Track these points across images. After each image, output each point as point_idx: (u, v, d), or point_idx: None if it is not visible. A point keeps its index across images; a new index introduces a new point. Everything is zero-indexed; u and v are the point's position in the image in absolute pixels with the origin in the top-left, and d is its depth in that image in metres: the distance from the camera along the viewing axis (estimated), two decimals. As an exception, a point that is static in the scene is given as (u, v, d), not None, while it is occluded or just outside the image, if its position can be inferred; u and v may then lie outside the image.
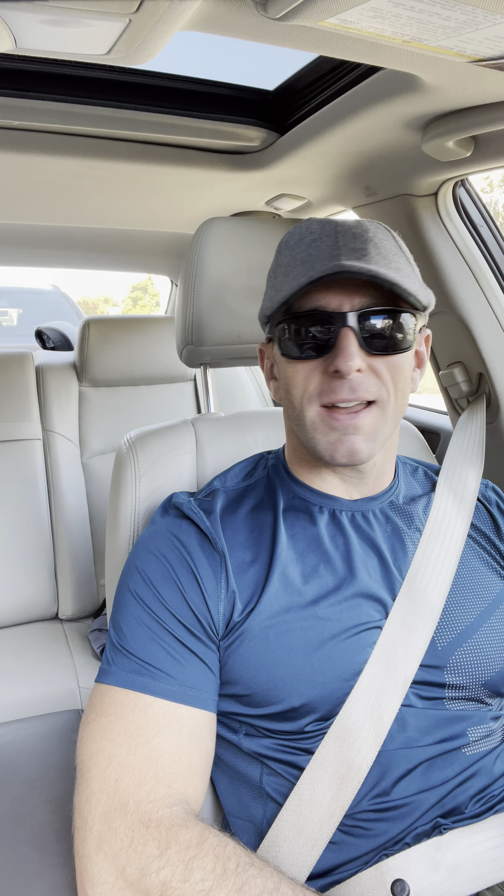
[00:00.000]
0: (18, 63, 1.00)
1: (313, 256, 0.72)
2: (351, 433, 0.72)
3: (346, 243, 0.71)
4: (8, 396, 1.93)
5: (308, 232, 0.75)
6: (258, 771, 0.74)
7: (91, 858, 0.62)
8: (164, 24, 0.61)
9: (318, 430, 0.73)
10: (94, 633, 1.76)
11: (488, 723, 0.77)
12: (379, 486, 0.83)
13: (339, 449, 0.72)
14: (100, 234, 1.95)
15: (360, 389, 0.71)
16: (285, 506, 0.81)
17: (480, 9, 0.57)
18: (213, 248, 1.06)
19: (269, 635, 0.71)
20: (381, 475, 0.82)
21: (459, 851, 0.69)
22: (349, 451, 0.72)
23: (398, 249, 0.75)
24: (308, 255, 0.72)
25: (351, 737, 0.70)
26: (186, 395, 2.19)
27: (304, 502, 0.81)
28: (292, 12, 0.58)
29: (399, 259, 0.73)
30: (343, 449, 0.72)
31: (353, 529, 0.80)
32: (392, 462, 0.84)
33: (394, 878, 0.67)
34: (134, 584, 0.75)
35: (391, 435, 0.78)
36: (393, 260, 0.72)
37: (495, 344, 1.23)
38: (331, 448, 0.73)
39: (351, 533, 0.79)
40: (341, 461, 0.73)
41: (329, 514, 0.80)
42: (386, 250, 0.72)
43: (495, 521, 0.89)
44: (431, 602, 0.76)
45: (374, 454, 0.74)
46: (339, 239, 0.72)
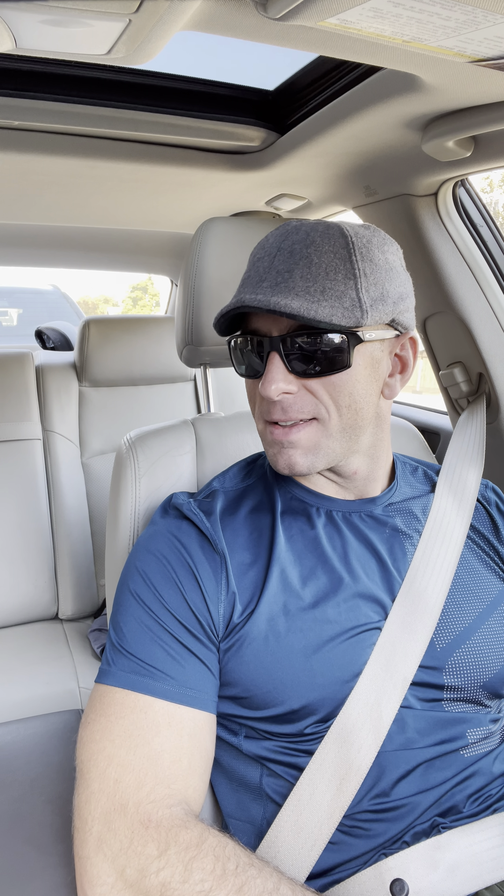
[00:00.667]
0: (18, 63, 1.00)
1: (247, 280, 0.74)
2: (287, 447, 0.74)
3: (277, 266, 0.72)
4: (8, 396, 1.93)
5: (261, 248, 0.76)
6: (258, 773, 0.74)
7: (91, 859, 0.62)
8: (164, 24, 0.61)
9: (265, 441, 0.77)
10: (94, 633, 1.76)
11: (487, 725, 0.77)
12: (372, 489, 0.83)
13: (279, 461, 0.75)
14: (100, 234, 1.95)
15: (292, 410, 0.73)
16: (283, 507, 0.81)
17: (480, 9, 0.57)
18: (213, 248, 1.06)
19: (268, 637, 0.71)
20: (369, 481, 0.82)
21: (458, 851, 0.69)
22: (287, 464, 0.74)
23: (342, 262, 0.70)
24: (246, 278, 0.75)
25: (350, 737, 0.70)
26: (186, 395, 2.19)
27: (302, 503, 0.81)
28: (292, 12, 0.58)
29: (333, 276, 0.70)
30: (282, 461, 0.75)
31: (351, 531, 0.80)
32: (384, 469, 0.84)
33: (393, 877, 0.67)
34: (134, 584, 0.75)
35: (356, 447, 0.77)
36: (320, 280, 0.69)
37: (495, 344, 1.23)
38: (274, 459, 0.76)
39: (349, 534, 0.79)
40: (283, 472, 0.76)
41: (326, 515, 0.80)
42: (318, 269, 0.70)
43: (494, 522, 0.89)
44: (431, 603, 0.76)
45: (317, 466, 0.75)
46: (274, 261, 0.72)
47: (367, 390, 0.74)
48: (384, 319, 0.73)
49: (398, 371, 0.79)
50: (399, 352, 0.79)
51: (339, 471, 0.80)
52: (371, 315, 0.71)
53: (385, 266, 0.73)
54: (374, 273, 0.72)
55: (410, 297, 0.78)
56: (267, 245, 0.75)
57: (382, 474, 0.84)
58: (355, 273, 0.70)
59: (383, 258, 0.74)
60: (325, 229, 0.73)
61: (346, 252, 0.71)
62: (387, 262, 0.74)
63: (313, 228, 0.73)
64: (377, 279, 0.72)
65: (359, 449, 0.78)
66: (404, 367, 0.79)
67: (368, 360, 0.74)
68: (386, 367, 0.77)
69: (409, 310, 0.77)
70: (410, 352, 0.79)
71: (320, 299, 0.69)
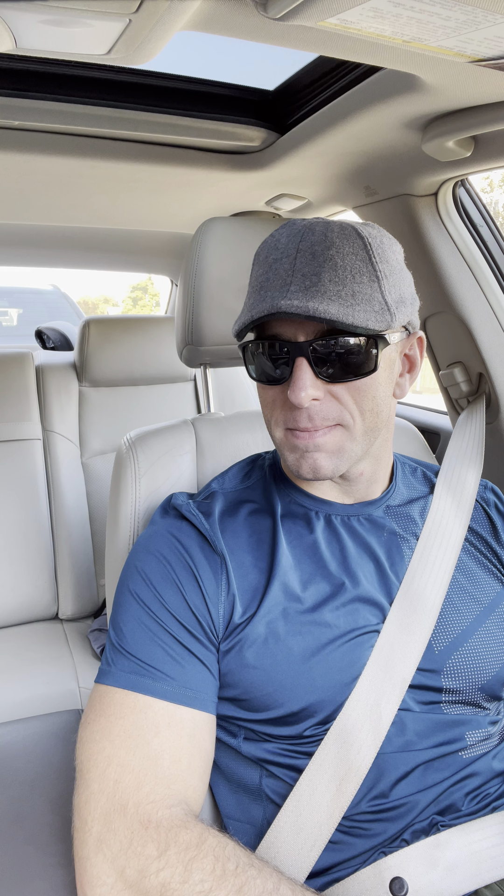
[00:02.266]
0: (18, 63, 1.00)
1: (271, 282, 0.71)
2: (312, 451, 0.73)
3: (301, 268, 0.69)
4: (8, 396, 1.93)
5: (273, 248, 0.73)
6: (257, 774, 0.74)
7: (90, 860, 0.62)
8: (164, 24, 0.61)
9: (285, 448, 0.75)
10: (94, 633, 1.76)
11: (486, 727, 0.77)
12: (373, 491, 0.83)
13: (302, 466, 0.73)
14: (100, 234, 1.95)
15: (318, 417, 0.71)
16: (283, 510, 0.81)
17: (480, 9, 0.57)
18: (213, 248, 1.06)
19: (268, 640, 0.71)
20: (372, 482, 0.82)
21: (458, 849, 0.69)
22: (312, 468, 0.73)
23: (364, 265, 0.70)
24: (266, 280, 0.72)
25: (350, 738, 0.70)
26: (186, 395, 2.19)
27: (301, 507, 0.81)
28: (292, 12, 0.58)
29: (359, 279, 0.69)
30: (306, 465, 0.73)
31: (350, 535, 0.80)
32: (386, 470, 0.84)
33: (392, 876, 0.67)
34: (134, 584, 0.75)
35: (370, 449, 0.77)
36: (348, 283, 0.69)
37: (495, 344, 1.23)
38: (296, 465, 0.74)
39: (347, 538, 0.79)
40: (306, 476, 0.74)
41: (325, 519, 0.80)
42: (344, 272, 0.69)
43: (493, 523, 0.89)
44: (429, 604, 0.76)
45: (341, 469, 0.74)
46: (296, 262, 0.70)
47: (386, 392, 0.75)
48: (405, 321, 0.73)
49: (407, 370, 0.80)
50: (408, 351, 0.79)
51: (345, 474, 0.79)
52: (398, 318, 0.71)
53: (398, 266, 0.74)
54: (392, 275, 0.72)
55: (416, 296, 0.78)
56: (281, 246, 0.73)
57: (383, 475, 0.84)
58: (378, 275, 0.70)
59: (395, 258, 0.74)
60: (341, 230, 0.71)
61: (366, 254, 0.70)
62: (397, 261, 0.74)
63: (328, 228, 0.71)
64: (395, 281, 0.72)
65: (370, 451, 0.78)
66: (412, 366, 0.80)
67: (388, 362, 0.74)
68: (398, 367, 0.78)
69: (417, 309, 0.78)
70: (418, 351, 0.80)
71: (353, 304, 0.68)
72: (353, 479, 0.80)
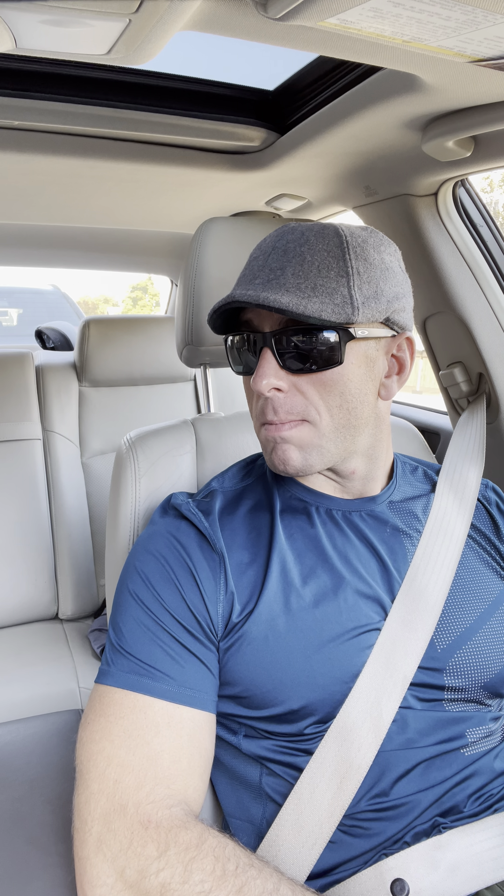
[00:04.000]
0: (18, 63, 1.00)
1: (243, 276, 0.75)
2: (280, 443, 0.74)
3: (270, 263, 0.73)
4: (8, 396, 1.93)
5: (258, 248, 0.77)
6: (257, 772, 0.74)
7: (90, 860, 0.62)
8: (164, 24, 0.61)
9: (261, 441, 0.78)
10: (94, 633, 1.76)
11: (488, 724, 0.77)
12: (371, 488, 0.83)
13: (273, 459, 0.75)
14: (100, 234, 1.95)
15: (282, 410, 0.73)
16: (282, 506, 0.81)
17: (480, 9, 0.57)
18: (213, 248, 1.06)
19: (268, 637, 0.71)
20: (368, 480, 0.82)
21: (459, 851, 0.69)
22: (281, 460, 0.74)
23: (335, 261, 0.71)
24: (242, 275, 0.76)
25: (351, 736, 0.70)
26: (186, 395, 2.19)
27: (302, 502, 0.81)
28: (292, 12, 0.58)
29: (325, 274, 0.70)
30: (276, 458, 0.75)
31: (352, 529, 0.80)
32: (384, 469, 0.84)
33: (393, 877, 0.67)
34: (133, 584, 0.75)
35: (354, 447, 0.77)
36: (311, 277, 0.70)
37: (495, 344, 1.23)
38: (269, 457, 0.76)
39: (349, 533, 0.79)
40: (278, 469, 0.76)
41: (326, 513, 0.80)
42: (311, 266, 0.70)
43: (495, 522, 0.89)
44: (431, 601, 0.76)
45: (313, 465, 0.75)
46: (269, 259, 0.73)
47: (361, 390, 0.74)
48: (378, 318, 0.73)
49: (395, 372, 0.79)
50: (396, 352, 0.78)
51: (337, 470, 0.80)
52: (363, 312, 0.71)
53: (381, 266, 0.74)
54: (369, 272, 0.72)
55: (408, 297, 0.78)
56: (263, 245, 0.76)
57: (382, 474, 0.84)
58: (348, 271, 0.71)
59: (379, 258, 0.74)
60: (321, 229, 0.73)
61: (340, 251, 0.71)
62: (382, 261, 0.74)
63: (308, 228, 0.74)
64: (371, 277, 0.72)
65: (356, 450, 0.78)
66: (401, 368, 0.79)
67: (362, 358, 0.74)
68: (382, 367, 0.77)
69: (406, 310, 0.77)
70: (407, 352, 0.79)
71: (310, 295, 0.69)
72: (346, 476, 0.80)
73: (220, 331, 0.78)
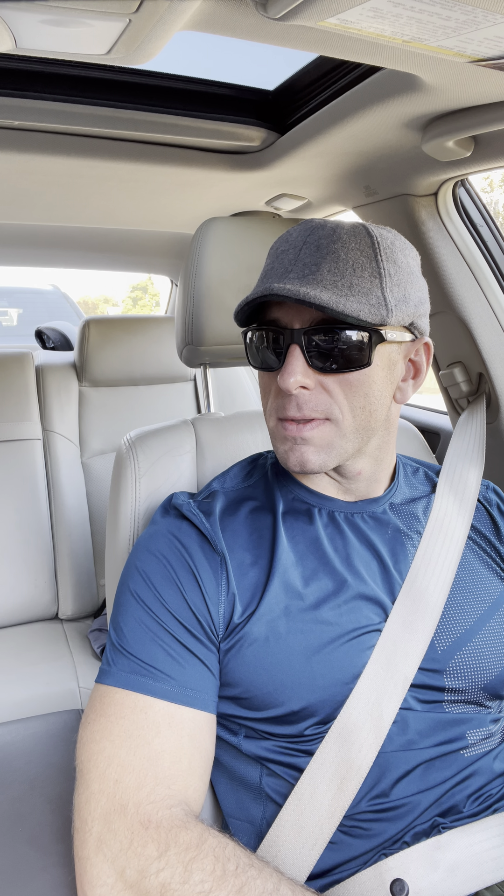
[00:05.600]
0: (18, 63, 1.00)
1: (274, 270, 0.74)
2: (300, 444, 0.73)
3: (304, 258, 0.71)
4: (8, 396, 1.93)
5: (284, 241, 0.76)
6: (258, 773, 0.74)
7: (90, 860, 0.62)
8: (164, 24, 0.61)
9: (276, 438, 0.76)
10: (94, 633, 1.76)
11: (488, 725, 0.77)
12: (374, 490, 0.83)
13: (290, 458, 0.74)
14: (100, 234, 1.95)
15: (307, 407, 0.72)
16: (284, 507, 0.81)
17: (480, 9, 0.57)
18: (213, 248, 1.06)
19: (269, 638, 0.71)
20: (372, 482, 0.82)
21: (458, 851, 0.69)
22: (299, 461, 0.73)
23: (368, 261, 0.71)
24: (271, 268, 0.74)
25: (351, 737, 0.70)
26: (186, 395, 2.19)
27: (304, 504, 0.81)
28: (292, 12, 0.58)
29: (360, 274, 0.70)
30: (293, 458, 0.74)
31: (353, 531, 0.80)
32: (387, 471, 0.84)
33: (393, 877, 0.67)
34: (134, 584, 0.75)
35: (365, 448, 0.78)
36: (347, 276, 0.70)
37: (495, 344, 1.23)
38: (285, 456, 0.75)
39: (350, 535, 0.79)
40: (293, 469, 0.75)
41: (328, 515, 0.80)
42: (346, 265, 0.70)
43: (495, 523, 0.89)
44: (432, 602, 0.76)
45: (329, 464, 0.74)
46: (300, 253, 0.72)
47: (382, 392, 0.75)
48: (405, 321, 0.74)
49: (411, 376, 0.80)
50: (413, 356, 0.79)
51: (342, 471, 0.79)
52: (395, 315, 0.71)
53: (407, 269, 0.75)
54: (398, 274, 0.73)
55: (427, 303, 0.79)
56: (291, 239, 0.75)
57: (384, 476, 0.84)
58: (381, 272, 0.71)
59: (405, 261, 0.75)
60: (352, 227, 0.73)
61: (372, 251, 0.72)
62: (408, 265, 0.75)
63: (339, 226, 0.74)
64: (400, 280, 0.73)
65: (366, 451, 0.78)
66: (417, 373, 0.80)
67: (386, 361, 0.74)
68: (400, 370, 0.78)
69: (426, 315, 0.78)
70: (424, 357, 0.80)
71: (348, 294, 0.69)
72: (352, 477, 0.80)
73: (242, 324, 0.77)
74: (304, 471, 0.74)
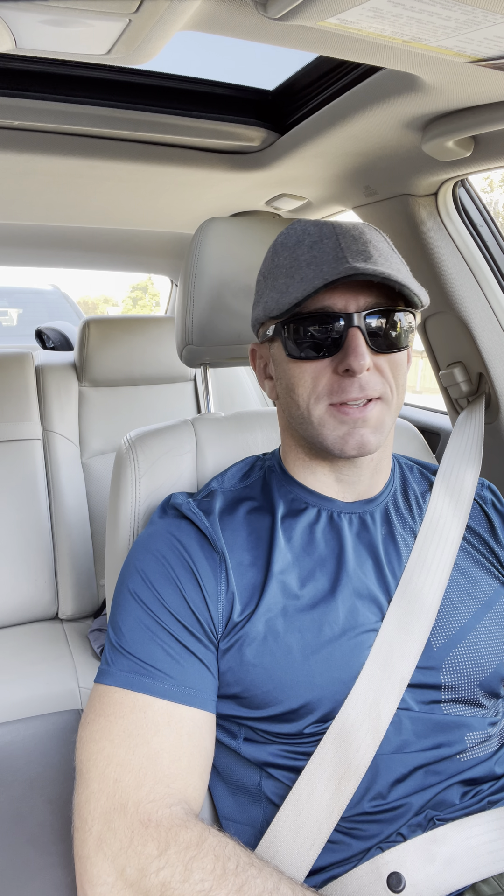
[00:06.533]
0: (18, 63, 1.00)
1: (318, 259, 0.72)
2: (360, 426, 0.73)
3: (349, 245, 0.72)
4: (8, 396, 1.93)
5: (306, 234, 0.75)
6: (257, 776, 0.74)
7: (91, 859, 0.62)
8: (164, 24, 0.61)
9: (327, 425, 0.74)
10: (94, 633, 1.76)
11: (486, 728, 0.77)
12: (375, 486, 0.83)
13: (348, 442, 0.73)
14: (100, 234, 1.95)
15: (368, 388, 0.72)
16: (282, 508, 0.81)
17: (480, 9, 0.57)
18: (212, 248, 1.06)
19: (267, 637, 0.71)
20: (377, 472, 0.82)
21: (455, 844, 0.69)
22: (359, 444, 0.73)
23: (392, 250, 0.77)
24: (312, 258, 0.73)
25: (349, 737, 0.70)
26: (186, 395, 2.19)
27: (302, 504, 0.81)
28: (292, 12, 0.58)
29: (396, 259, 0.76)
30: (353, 441, 0.73)
31: (350, 532, 0.80)
32: (388, 459, 0.84)
33: (390, 871, 0.67)
34: (133, 584, 0.75)
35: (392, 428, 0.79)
36: (391, 260, 0.74)
37: (495, 344, 1.23)
38: (340, 442, 0.74)
39: (347, 536, 0.79)
40: (351, 453, 0.74)
41: (325, 516, 0.81)
42: (384, 251, 0.74)
43: (490, 521, 0.89)
44: (427, 602, 0.76)
45: (381, 445, 0.75)
46: (340, 241, 0.73)
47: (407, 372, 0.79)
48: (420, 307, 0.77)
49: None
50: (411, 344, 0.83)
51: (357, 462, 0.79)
52: (425, 299, 0.75)
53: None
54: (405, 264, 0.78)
55: None
56: (312, 231, 0.75)
57: (386, 465, 0.84)
58: (402, 261, 0.76)
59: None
60: (364, 223, 0.77)
61: (388, 243, 0.77)
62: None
63: (345, 222, 0.77)
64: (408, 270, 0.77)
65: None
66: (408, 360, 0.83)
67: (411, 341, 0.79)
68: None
69: None
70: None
71: (406, 276, 0.72)
72: (364, 466, 0.80)
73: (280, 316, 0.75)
74: (363, 453, 0.74)
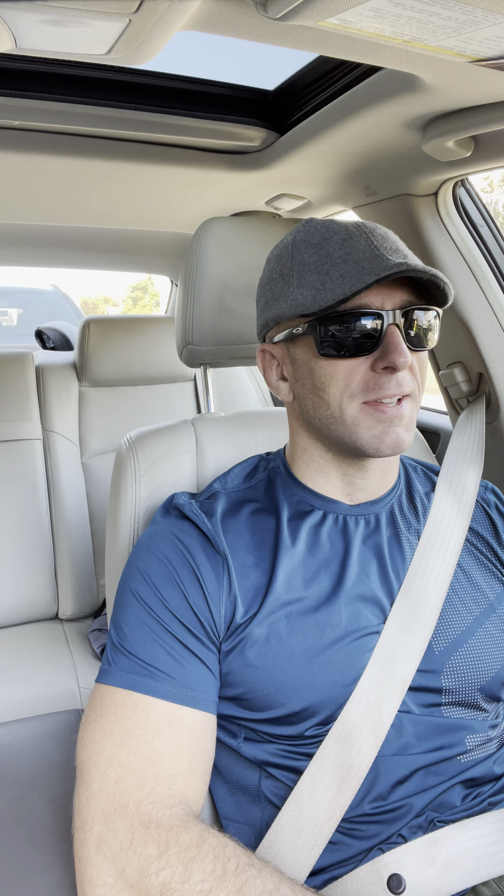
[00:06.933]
0: (18, 63, 1.00)
1: (354, 256, 0.71)
2: (395, 424, 0.73)
3: (381, 243, 0.73)
4: (8, 396, 1.93)
5: (331, 231, 0.74)
6: (256, 776, 0.74)
7: (91, 860, 0.62)
8: (164, 24, 0.61)
9: (362, 424, 0.73)
10: (94, 633, 1.76)
11: (486, 731, 0.77)
12: (382, 487, 0.83)
13: (384, 441, 0.73)
14: (100, 234, 1.95)
15: (404, 384, 0.73)
16: (287, 510, 0.81)
17: (480, 9, 0.57)
18: (212, 248, 1.06)
19: (270, 639, 0.71)
20: (386, 474, 0.82)
21: (455, 846, 0.69)
22: (395, 443, 0.73)
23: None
24: (346, 255, 0.72)
25: (351, 738, 0.70)
26: (186, 395, 2.19)
27: (307, 506, 0.81)
28: (292, 12, 0.58)
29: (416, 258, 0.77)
30: (389, 440, 0.73)
31: (355, 534, 0.80)
32: (396, 461, 0.85)
33: (390, 872, 0.67)
34: (135, 584, 0.75)
35: None
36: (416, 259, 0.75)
37: (495, 344, 1.23)
38: (377, 441, 0.73)
39: (352, 538, 0.79)
40: (386, 452, 0.74)
41: (331, 518, 0.80)
42: (407, 250, 0.75)
43: (494, 524, 0.89)
44: (430, 604, 0.76)
45: (411, 441, 0.76)
46: (371, 239, 0.73)
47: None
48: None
49: None
50: None
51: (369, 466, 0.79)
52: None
53: None
54: None
55: None
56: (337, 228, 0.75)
57: (394, 467, 0.84)
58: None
59: None
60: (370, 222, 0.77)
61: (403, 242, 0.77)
62: None
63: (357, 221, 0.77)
64: None
65: None
66: None
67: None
68: None
69: None
70: None
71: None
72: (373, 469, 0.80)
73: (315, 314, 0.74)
74: (398, 451, 0.74)
